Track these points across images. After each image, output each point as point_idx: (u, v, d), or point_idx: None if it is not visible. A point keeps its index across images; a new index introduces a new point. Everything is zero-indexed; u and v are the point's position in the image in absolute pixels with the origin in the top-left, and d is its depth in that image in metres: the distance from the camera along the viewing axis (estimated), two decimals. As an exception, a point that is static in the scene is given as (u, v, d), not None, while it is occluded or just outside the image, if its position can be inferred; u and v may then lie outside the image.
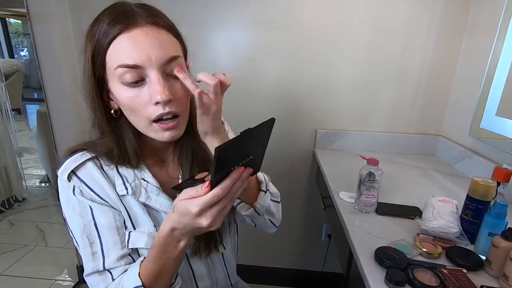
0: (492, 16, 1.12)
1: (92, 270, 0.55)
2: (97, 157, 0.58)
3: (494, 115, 1.05)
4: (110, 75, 0.52)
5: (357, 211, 0.89)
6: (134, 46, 0.49)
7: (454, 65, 1.33)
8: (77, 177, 0.56)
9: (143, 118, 0.53)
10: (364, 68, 1.36)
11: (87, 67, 0.52)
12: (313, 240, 1.65)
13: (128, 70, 0.49)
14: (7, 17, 4.73)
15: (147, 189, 0.60)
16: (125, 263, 0.56)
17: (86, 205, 0.56)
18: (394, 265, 0.63)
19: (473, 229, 0.73)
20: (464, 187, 1.04)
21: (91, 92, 0.54)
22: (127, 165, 0.60)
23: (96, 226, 0.56)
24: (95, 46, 0.51)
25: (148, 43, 0.49)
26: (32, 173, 3.04)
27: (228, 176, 0.44)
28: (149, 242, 0.58)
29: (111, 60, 0.50)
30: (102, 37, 0.50)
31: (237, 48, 1.37)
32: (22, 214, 2.38)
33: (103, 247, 0.56)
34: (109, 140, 0.58)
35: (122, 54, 0.49)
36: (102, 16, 0.52)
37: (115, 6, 0.53)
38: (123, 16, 0.50)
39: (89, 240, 0.56)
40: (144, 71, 0.50)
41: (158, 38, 0.50)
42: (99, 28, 0.50)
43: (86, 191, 0.56)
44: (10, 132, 2.33)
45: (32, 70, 6.20)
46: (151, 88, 0.51)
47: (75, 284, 1.71)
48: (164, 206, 0.60)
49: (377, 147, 1.44)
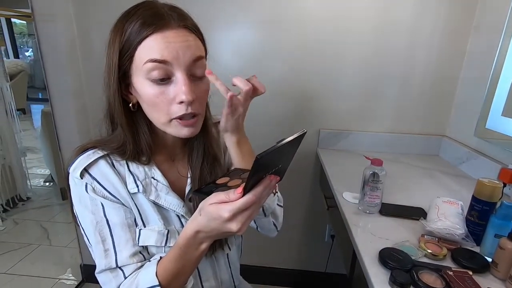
0: (498, 16, 1.11)
1: (104, 267, 0.56)
2: (108, 155, 0.59)
3: (500, 115, 1.04)
4: (136, 70, 0.53)
5: (361, 211, 0.88)
6: (166, 44, 0.50)
7: (459, 65, 1.32)
8: (89, 174, 0.56)
9: (164, 114, 0.54)
10: (368, 67, 1.35)
11: (114, 60, 0.53)
12: (316, 241, 1.64)
13: (156, 65, 0.50)
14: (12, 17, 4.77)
15: (157, 188, 0.60)
16: (137, 260, 0.57)
17: (98, 202, 0.56)
18: (398, 267, 0.63)
19: (479, 230, 0.72)
20: (469, 188, 1.02)
21: (113, 85, 0.54)
22: (137, 162, 0.60)
23: (108, 223, 0.56)
24: (125, 41, 0.52)
25: (178, 43, 0.51)
26: (36, 173, 3.06)
27: (260, 183, 0.44)
28: (159, 240, 0.59)
29: (140, 55, 0.51)
30: (134, 34, 0.51)
31: (240, 47, 1.37)
32: (26, 213, 2.40)
33: (115, 244, 0.56)
34: (123, 134, 0.58)
35: (153, 50, 0.50)
36: (134, 14, 0.52)
37: (149, 5, 0.53)
38: (157, 17, 0.51)
39: (101, 237, 0.56)
40: (171, 69, 0.52)
41: (187, 39, 0.53)
42: (131, 26, 0.51)
43: (98, 188, 0.56)
44: (15, 132, 2.35)
45: (37, 70, 6.25)
46: (176, 87, 0.52)
47: (78, 283, 1.71)
48: (173, 205, 0.61)
49: (381, 148, 1.43)
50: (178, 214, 0.62)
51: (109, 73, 0.54)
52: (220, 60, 1.38)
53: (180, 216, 0.62)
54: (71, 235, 2.05)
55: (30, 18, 1.33)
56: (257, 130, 1.09)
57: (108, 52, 0.54)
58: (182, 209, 0.62)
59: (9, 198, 2.38)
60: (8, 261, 1.85)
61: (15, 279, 1.73)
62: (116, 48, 0.52)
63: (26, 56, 7.15)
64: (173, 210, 0.61)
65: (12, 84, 2.37)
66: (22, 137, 2.48)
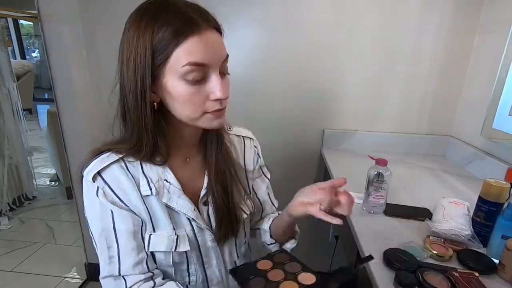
0: (505, 15, 1.09)
1: (108, 274, 0.57)
2: (122, 158, 0.59)
3: (508, 115, 1.02)
4: (170, 71, 0.52)
5: (365, 212, 0.88)
6: (205, 47, 0.52)
7: (466, 64, 1.30)
8: (102, 178, 0.56)
9: (197, 111, 0.55)
10: (373, 67, 1.34)
11: (146, 59, 0.51)
12: (320, 241, 1.63)
13: (196, 68, 0.52)
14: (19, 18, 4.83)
15: (169, 190, 0.60)
16: (140, 271, 0.58)
17: (107, 208, 0.57)
18: (403, 268, 0.62)
19: (486, 231, 0.71)
20: (475, 188, 1.01)
21: (145, 84, 0.53)
22: (152, 163, 0.60)
23: (115, 230, 0.57)
24: (159, 41, 0.51)
25: (214, 45, 0.54)
26: (42, 172, 3.08)
27: None
28: (169, 246, 0.59)
29: (178, 57, 0.51)
30: (170, 35, 0.50)
31: (245, 48, 1.37)
32: (32, 212, 2.42)
33: (119, 253, 0.57)
34: (141, 133, 0.57)
35: (192, 54, 0.51)
36: (161, 14, 0.51)
37: (173, 5, 0.52)
38: (189, 20, 0.51)
39: (107, 244, 0.57)
40: (207, 70, 0.54)
41: (218, 41, 0.55)
42: (164, 26, 0.50)
43: (109, 193, 0.57)
44: (21, 132, 2.37)
45: (43, 70, 6.30)
46: (211, 86, 0.54)
47: (83, 281, 1.73)
48: (184, 208, 0.61)
49: (386, 148, 1.42)
50: (189, 218, 0.62)
51: (139, 72, 0.52)
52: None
53: (191, 220, 0.62)
54: (76, 234, 2.06)
55: (36, 19, 1.34)
56: (261, 129, 1.09)
57: (132, 49, 0.52)
58: (193, 212, 0.61)
59: (16, 197, 2.41)
60: (14, 259, 1.87)
61: (21, 277, 1.74)
62: (148, 46, 0.51)
63: (33, 57, 7.21)
64: (184, 213, 0.61)
65: (19, 85, 2.40)
66: (28, 136, 2.51)
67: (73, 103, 1.45)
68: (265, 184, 0.80)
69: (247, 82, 1.39)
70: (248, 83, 1.39)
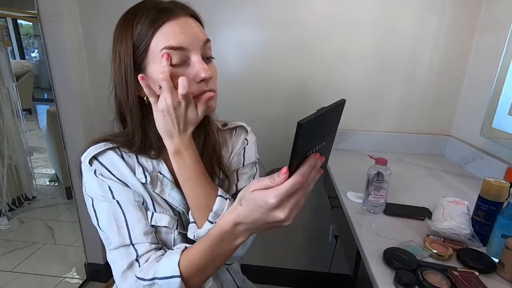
0: (505, 14, 1.10)
1: (118, 243, 0.55)
2: (118, 147, 0.61)
3: (507, 114, 1.02)
4: (153, 59, 0.54)
5: (365, 211, 0.88)
6: (181, 30, 0.53)
7: (465, 64, 1.30)
8: (98, 161, 0.59)
9: None
10: (373, 67, 1.34)
11: (128, 54, 0.54)
12: (320, 241, 1.63)
13: (174, 51, 0.53)
14: (18, 18, 4.83)
15: (162, 182, 0.62)
16: (151, 240, 0.56)
17: (107, 185, 0.58)
18: (403, 267, 0.62)
19: (485, 230, 0.71)
20: (475, 188, 1.01)
21: (130, 77, 0.55)
22: (146, 156, 0.62)
23: (119, 204, 0.57)
24: (138, 34, 0.54)
25: (191, 28, 0.55)
26: (41, 172, 3.08)
27: (304, 163, 0.39)
28: (171, 223, 0.60)
29: (156, 44, 0.53)
30: (147, 26, 0.53)
31: (245, 47, 1.37)
32: (32, 212, 2.42)
33: (127, 222, 0.56)
34: (133, 127, 0.59)
35: (170, 37, 0.53)
36: (139, 10, 0.55)
37: (150, 2, 0.56)
38: (166, 10, 0.54)
39: (114, 216, 0.56)
40: (187, 53, 0.54)
41: (196, 26, 0.57)
42: (141, 20, 0.53)
43: (106, 173, 0.58)
44: (21, 132, 2.37)
45: (43, 71, 6.30)
46: (194, 68, 0.55)
47: (83, 281, 1.73)
48: (176, 201, 0.62)
49: (386, 147, 1.42)
50: (179, 211, 0.63)
51: (123, 67, 0.55)
52: (222, 60, 1.39)
53: (181, 213, 0.63)
54: (76, 234, 2.06)
55: (36, 19, 1.34)
56: (261, 129, 1.09)
57: (117, 48, 0.55)
58: (185, 206, 0.63)
59: (15, 197, 2.41)
60: (13, 260, 1.87)
61: (21, 277, 1.74)
62: (129, 43, 0.54)
63: (32, 57, 7.21)
64: (175, 206, 0.62)
65: (19, 85, 2.40)
66: (28, 137, 2.51)
67: (72, 103, 1.45)
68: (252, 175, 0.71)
69: (247, 82, 1.38)
70: (248, 82, 1.39)
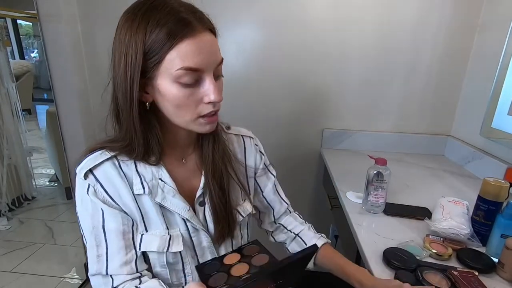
0: (504, 13, 1.10)
1: (95, 272, 0.57)
2: (116, 156, 0.58)
3: (506, 114, 1.02)
4: (164, 73, 0.52)
5: (365, 211, 0.88)
6: (199, 51, 0.51)
7: (465, 63, 1.30)
8: (93, 175, 0.56)
9: (191, 114, 0.55)
10: (372, 66, 1.34)
11: (138, 61, 0.51)
12: (319, 241, 1.63)
13: (190, 72, 0.51)
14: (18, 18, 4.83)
15: (163, 190, 0.59)
16: (127, 271, 0.57)
17: (97, 206, 0.56)
18: (403, 267, 0.62)
19: (485, 230, 0.71)
20: (474, 188, 1.01)
21: (134, 84, 0.52)
22: (146, 162, 0.59)
23: (104, 229, 0.56)
24: (152, 43, 0.50)
25: (207, 48, 0.53)
26: (41, 172, 3.08)
27: None
28: (161, 246, 0.58)
29: (171, 60, 0.51)
30: (163, 37, 0.49)
31: (244, 47, 1.37)
32: (32, 212, 2.42)
33: (108, 252, 0.57)
34: (133, 133, 0.56)
35: (187, 58, 0.51)
36: (154, 13, 0.50)
37: (167, 6, 0.51)
38: (183, 23, 0.50)
39: (96, 242, 0.56)
40: (201, 74, 0.53)
41: (213, 44, 0.54)
42: (157, 28, 0.49)
43: (100, 191, 0.56)
44: (21, 132, 2.37)
45: (42, 71, 6.31)
46: (205, 89, 0.54)
47: (82, 282, 1.72)
48: (178, 208, 0.60)
49: (385, 147, 1.42)
50: (183, 218, 0.61)
51: (129, 72, 0.52)
52: (224, 60, 1.38)
53: (186, 220, 0.61)
54: (75, 234, 2.06)
55: (35, 19, 1.34)
56: (261, 129, 1.09)
57: (123, 49, 0.51)
58: (188, 213, 0.61)
59: (15, 197, 2.40)
60: (13, 260, 1.87)
61: (20, 277, 1.74)
62: (140, 48, 0.50)
63: (32, 57, 7.21)
64: (178, 213, 0.60)
65: (18, 85, 2.40)
66: (27, 137, 2.51)
67: (72, 103, 1.45)
68: (271, 181, 0.77)
69: (246, 82, 1.38)
70: (248, 82, 1.39)
